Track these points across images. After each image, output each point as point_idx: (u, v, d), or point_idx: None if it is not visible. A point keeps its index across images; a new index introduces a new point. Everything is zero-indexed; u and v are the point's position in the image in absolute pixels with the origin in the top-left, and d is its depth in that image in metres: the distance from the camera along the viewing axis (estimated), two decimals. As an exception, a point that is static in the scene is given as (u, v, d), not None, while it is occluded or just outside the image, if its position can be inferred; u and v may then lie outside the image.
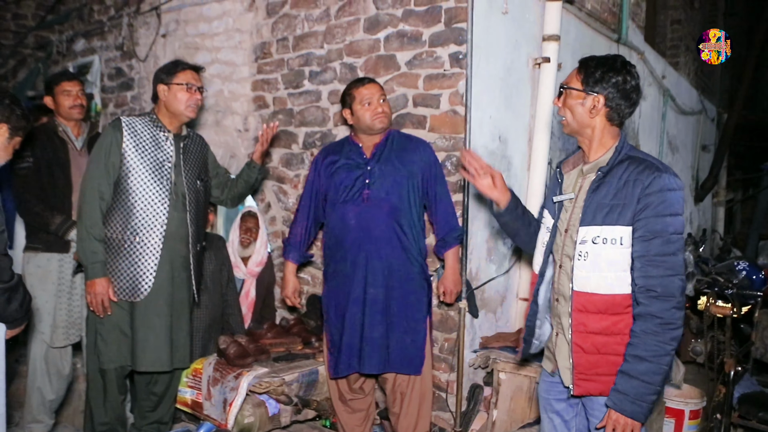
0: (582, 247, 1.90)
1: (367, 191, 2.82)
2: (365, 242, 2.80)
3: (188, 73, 2.84)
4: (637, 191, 1.82)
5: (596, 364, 1.91)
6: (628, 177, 1.85)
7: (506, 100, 3.45)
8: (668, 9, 7.08)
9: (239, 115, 4.15)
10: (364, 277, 2.79)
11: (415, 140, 2.98)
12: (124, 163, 2.73)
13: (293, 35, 3.82)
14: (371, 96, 2.84)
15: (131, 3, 4.92)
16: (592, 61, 1.95)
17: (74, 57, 5.50)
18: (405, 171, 2.84)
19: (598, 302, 1.89)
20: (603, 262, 1.87)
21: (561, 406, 2.13)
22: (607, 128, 1.95)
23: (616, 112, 1.92)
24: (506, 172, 3.49)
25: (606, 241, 1.86)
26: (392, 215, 2.81)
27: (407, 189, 2.84)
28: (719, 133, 8.42)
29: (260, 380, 2.91)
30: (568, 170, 2.08)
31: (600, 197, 1.89)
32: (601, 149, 1.96)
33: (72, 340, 3.27)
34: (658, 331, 1.78)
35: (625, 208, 1.83)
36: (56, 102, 3.23)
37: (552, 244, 2.05)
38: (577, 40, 4.07)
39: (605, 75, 1.90)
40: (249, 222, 3.76)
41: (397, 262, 2.81)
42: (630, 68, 1.93)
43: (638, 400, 1.80)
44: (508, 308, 3.62)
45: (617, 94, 1.90)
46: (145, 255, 2.75)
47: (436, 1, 3.20)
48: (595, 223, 1.88)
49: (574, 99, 1.95)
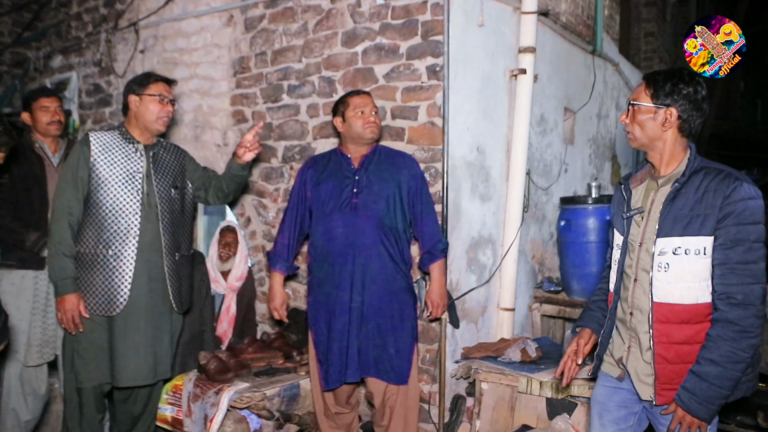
0: (662, 259, 1.91)
1: (355, 200, 2.82)
2: (352, 251, 2.79)
3: (160, 85, 2.83)
4: (719, 200, 1.82)
5: (680, 373, 1.90)
6: (707, 187, 1.86)
7: (484, 111, 3.49)
8: (641, 22, 7.24)
9: (218, 130, 4.14)
10: (351, 285, 2.79)
11: (401, 155, 2.99)
12: (93, 177, 2.71)
13: (271, 49, 3.83)
14: (364, 105, 2.86)
15: (109, 19, 4.90)
16: (660, 75, 1.96)
17: (52, 73, 5.46)
18: (392, 182, 2.85)
19: (681, 312, 1.89)
20: (686, 272, 1.88)
21: (621, 413, 2.11)
22: (678, 140, 1.95)
23: (687, 124, 1.93)
24: (485, 183, 3.53)
25: (689, 252, 1.87)
26: (379, 225, 2.81)
27: (394, 200, 2.85)
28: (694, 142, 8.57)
29: (241, 395, 2.89)
30: (636, 185, 2.08)
31: (678, 208, 1.89)
32: (673, 162, 1.97)
33: (46, 358, 3.21)
34: (735, 337, 1.79)
35: (707, 218, 1.84)
36: (34, 118, 3.21)
37: (624, 261, 2.05)
38: (553, 52, 4.14)
39: (675, 87, 1.91)
40: (228, 237, 3.74)
41: (384, 271, 2.81)
42: (698, 79, 1.95)
43: (706, 402, 1.82)
44: (489, 318, 3.63)
45: (689, 105, 1.91)
46: (119, 268, 2.72)
47: (413, 15, 3.24)
48: (674, 234, 1.89)
49: (644, 114, 1.96)
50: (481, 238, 3.52)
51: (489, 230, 3.59)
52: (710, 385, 1.81)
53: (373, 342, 2.80)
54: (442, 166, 3.16)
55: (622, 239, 2.05)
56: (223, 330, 3.71)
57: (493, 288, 3.65)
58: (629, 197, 2.07)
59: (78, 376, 2.76)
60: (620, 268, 2.07)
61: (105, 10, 4.96)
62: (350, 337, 2.79)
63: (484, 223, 3.54)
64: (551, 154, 4.24)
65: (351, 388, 2.97)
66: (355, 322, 2.79)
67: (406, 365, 2.85)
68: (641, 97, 1.97)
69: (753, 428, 2.89)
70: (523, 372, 3.04)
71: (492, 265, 3.62)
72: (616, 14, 5.55)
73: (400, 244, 2.87)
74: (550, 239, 4.30)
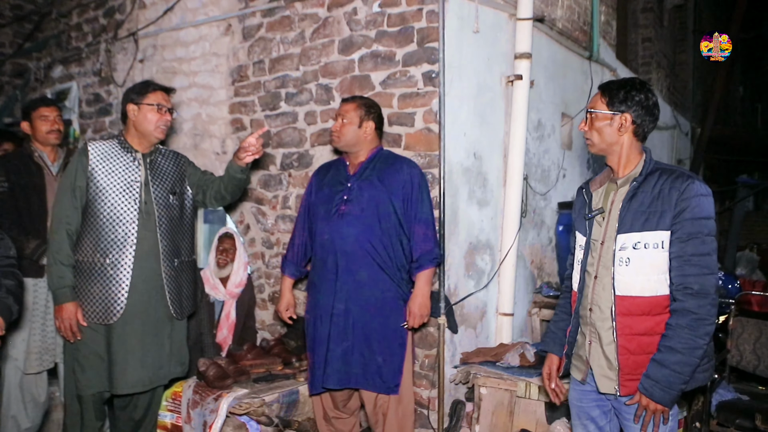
0: (623, 254, 2.02)
1: (343, 207, 2.83)
2: (336, 257, 2.80)
3: (159, 94, 2.84)
4: (674, 197, 1.95)
5: (642, 364, 2.00)
6: (663, 185, 1.99)
7: (480, 117, 3.51)
8: (639, 27, 7.25)
9: (217, 138, 4.17)
10: (334, 292, 2.80)
11: (400, 159, 2.95)
12: (91, 186, 2.73)
13: (269, 58, 3.86)
14: (338, 113, 2.92)
15: (109, 29, 4.95)
16: (614, 84, 2.11)
17: (52, 84, 5.50)
18: (384, 189, 2.82)
19: (642, 304, 2.00)
20: (646, 265, 1.99)
21: (595, 413, 2.20)
22: (633, 144, 2.09)
23: (641, 128, 2.07)
24: (482, 189, 3.54)
25: (648, 246, 1.98)
26: (365, 232, 2.79)
27: (385, 207, 2.82)
28: (693, 147, 8.59)
29: (240, 401, 2.89)
30: (596, 188, 2.20)
31: (636, 206, 2.02)
32: (630, 164, 2.10)
33: (46, 365, 3.22)
34: (693, 325, 1.89)
35: (664, 214, 1.96)
36: (33, 127, 3.24)
37: (587, 260, 2.15)
38: (549, 58, 4.16)
39: (628, 95, 2.05)
40: (225, 243, 3.75)
41: (370, 278, 2.79)
42: (649, 87, 2.10)
43: (667, 388, 1.92)
44: (488, 323, 3.64)
45: (642, 110, 2.05)
46: (116, 276, 2.73)
47: (409, 22, 3.27)
48: (634, 230, 2.01)
49: (601, 121, 2.09)
50: (479, 243, 3.53)
51: (487, 235, 3.60)
52: (671, 372, 1.91)
53: (359, 351, 2.78)
54: (439, 172, 3.18)
55: (585, 239, 2.15)
56: (223, 337, 3.72)
57: (491, 293, 3.65)
58: (590, 199, 2.19)
59: (78, 383, 2.77)
60: (583, 267, 2.16)
61: (105, 21, 5.00)
62: (330, 344, 2.78)
63: (482, 228, 3.55)
64: (549, 159, 4.26)
65: (347, 393, 2.96)
66: (336, 330, 2.78)
67: (395, 375, 2.81)
68: (598, 105, 2.11)
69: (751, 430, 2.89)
70: (522, 377, 3.04)
71: (490, 270, 3.63)
72: (613, 20, 5.57)
73: (390, 252, 2.83)
74: (548, 244, 4.31)
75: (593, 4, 4.80)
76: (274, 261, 3.88)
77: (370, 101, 2.97)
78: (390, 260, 2.83)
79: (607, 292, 2.07)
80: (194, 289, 3.09)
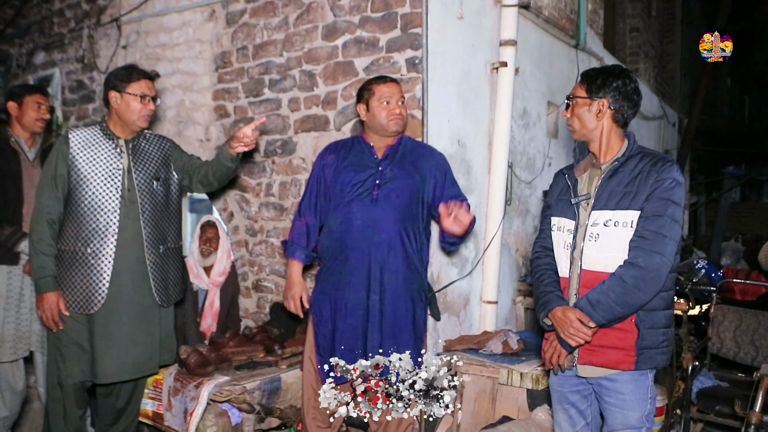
0: (593, 229, 2.08)
1: (376, 191, 2.68)
2: (369, 245, 2.66)
3: (143, 83, 2.76)
4: (651, 179, 2.01)
5: (601, 338, 2.06)
6: (642, 168, 2.04)
7: (464, 104, 3.49)
8: (626, 17, 7.25)
9: (201, 125, 4.13)
10: (367, 281, 2.66)
11: (426, 147, 2.89)
12: (73, 174, 2.69)
13: (253, 44, 3.82)
14: (391, 95, 2.70)
15: (92, 15, 4.88)
16: (593, 71, 2.17)
17: (34, 70, 5.43)
18: (417, 176, 2.72)
19: (604, 279, 2.03)
20: (613, 242, 2.04)
21: (575, 397, 2.24)
22: (614, 129, 2.14)
23: (620, 114, 2.12)
24: (466, 176, 3.53)
25: (617, 224, 2.03)
26: (400, 219, 2.67)
27: (417, 195, 2.72)
28: (680, 137, 8.62)
29: (221, 389, 2.87)
30: (580, 174, 2.23)
31: (613, 185, 2.07)
32: (612, 150, 2.15)
33: (20, 354, 3.19)
34: (614, 289, 1.98)
35: (638, 194, 2.01)
36: (22, 110, 3.18)
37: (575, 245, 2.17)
38: (535, 46, 4.15)
39: (606, 81, 2.10)
40: (209, 232, 3.72)
41: (399, 269, 2.68)
42: (628, 73, 2.14)
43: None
44: (471, 311, 3.64)
45: (619, 96, 2.10)
46: (97, 266, 2.70)
47: (392, 7, 3.24)
48: (607, 208, 2.06)
49: (581, 107, 2.15)
50: (462, 231, 3.51)
51: (471, 223, 3.59)
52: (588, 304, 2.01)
53: (388, 345, 2.63)
54: (422, 159, 3.16)
55: (574, 224, 2.17)
56: (207, 325, 3.70)
57: (475, 281, 3.65)
58: (575, 184, 2.21)
59: (60, 373, 2.75)
60: (571, 252, 2.17)
61: (87, 6, 4.93)
62: (369, 337, 2.65)
63: (466, 216, 3.54)
64: (534, 147, 4.25)
65: None
66: (371, 321, 2.65)
67: None
68: (577, 92, 2.17)
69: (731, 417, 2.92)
70: (504, 364, 3.04)
71: (474, 257, 3.63)
72: (600, 9, 5.56)
73: (419, 242, 2.73)
74: (533, 232, 4.31)
75: (580, -7, 4.79)
76: (257, 249, 3.86)
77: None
78: (419, 251, 2.74)
79: (577, 265, 2.12)
80: (181, 276, 3.04)
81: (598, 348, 2.07)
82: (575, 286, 2.13)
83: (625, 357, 2.04)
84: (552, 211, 2.27)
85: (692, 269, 4.40)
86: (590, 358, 2.09)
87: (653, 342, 2.04)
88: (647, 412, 2.08)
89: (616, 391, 2.09)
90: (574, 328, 2.04)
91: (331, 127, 3.49)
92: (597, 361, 2.08)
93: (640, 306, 2.00)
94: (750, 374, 2.98)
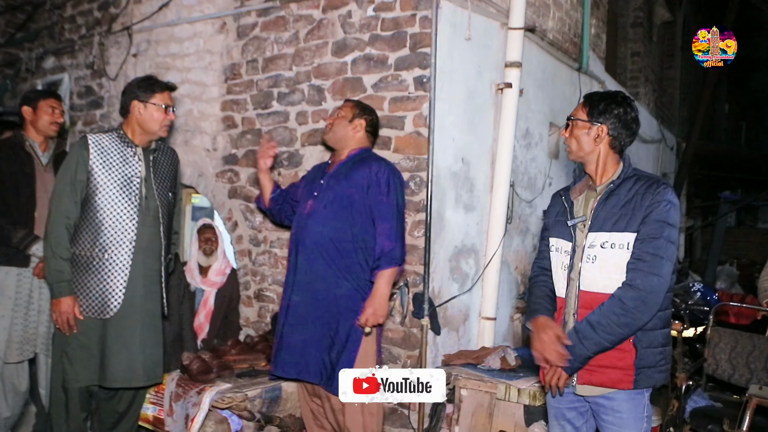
0: (591, 251, 2.11)
1: (310, 203, 2.89)
2: (298, 252, 2.85)
3: (166, 95, 2.84)
4: (647, 201, 2.04)
5: (600, 358, 2.08)
6: (638, 190, 2.08)
7: (469, 123, 3.56)
8: (628, 42, 7.37)
9: (208, 135, 4.19)
10: (292, 284, 2.85)
11: (376, 159, 2.91)
12: (91, 180, 2.73)
13: (263, 57, 3.90)
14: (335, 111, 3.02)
15: (103, 22, 4.95)
16: (596, 96, 2.21)
17: (44, 74, 5.49)
18: (348, 185, 2.81)
19: (602, 300, 2.07)
20: (610, 264, 2.07)
21: (572, 414, 2.27)
22: (610, 155, 2.17)
23: (617, 141, 2.15)
24: (469, 193, 3.59)
25: (614, 246, 2.06)
26: (326, 228, 2.80)
27: (350, 204, 2.79)
28: (678, 161, 8.72)
29: (223, 396, 2.91)
30: (576, 196, 2.26)
31: (609, 207, 2.10)
32: (607, 173, 2.18)
33: (26, 355, 3.21)
34: (615, 311, 2.00)
35: (634, 217, 2.04)
36: (37, 114, 3.23)
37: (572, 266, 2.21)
38: (539, 68, 4.23)
39: (608, 107, 2.14)
40: (207, 233, 3.79)
41: (327, 275, 2.79)
42: (630, 102, 2.18)
43: (572, 356, 2.06)
44: (470, 327, 3.68)
45: (619, 124, 2.13)
46: (113, 271, 2.74)
47: (402, 27, 3.32)
48: (604, 230, 2.09)
49: (580, 129, 2.18)
50: (464, 247, 3.57)
51: (472, 240, 3.65)
52: (580, 343, 2.04)
53: (316, 346, 2.77)
54: (426, 176, 3.22)
55: (571, 245, 2.21)
56: (200, 323, 3.75)
57: (475, 297, 3.70)
58: (571, 207, 2.25)
59: (65, 375, 2.76)
60: (569, 272, 2.21)
61: (99, 14, 5.00)
62: (283, 334, 2.84)
63: (467, 232, 3.60)
64: (536, 167, 4.32)
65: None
66: (290, 321, 2.82)
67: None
68: (578, 114, 2.21)
69: (720, 435, 2.97)
70: (502, 379, 3.08)
71: (474, 274, 3.68)
72: (603, 33, 5.67)
73: (349, 249, 2.78)
74: (533, 251, 4.37)
75: (584, 17, 4.89)
76: (260, 259, 3.91)
77: (368, 107, 3.02)
78: (349, 258, 2.79)
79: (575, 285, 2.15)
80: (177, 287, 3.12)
81: (596, 368, 2.10)
82: (573, 306, 2.16)
83: (624, 376, 2.07)
84: (550, 233, 2.32)
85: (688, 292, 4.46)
86: (590, 377, 2.11)
87: (651, 361, 2.07)
88: (643, 430, 2.12)
89: (613, 409, 2.12)
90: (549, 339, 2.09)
91: (338, 141, 3.55)
92: (596, 381, 2.11)
93: (639, 327, 2.03)
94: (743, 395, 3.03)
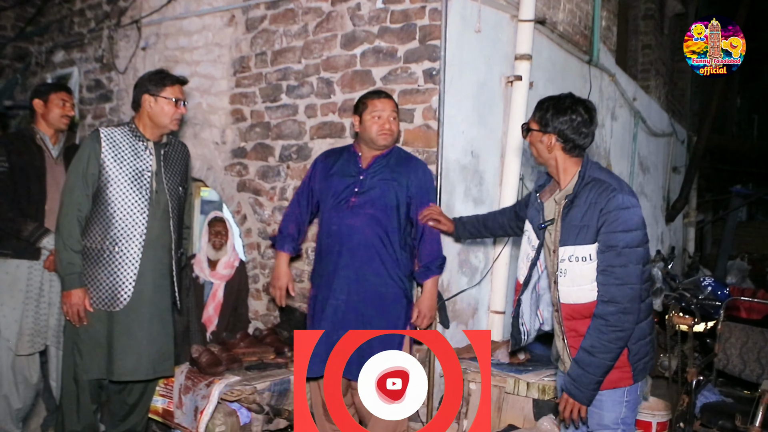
0: (562, 265, 2.14)
1: (353, 199, 2.80)
2: (342, 250, 2.79)
3: (176, 88, 2.84)
4: (597, 212, 2.04)
5: None
6: (592, 200, 2.07)
7: (479, 116, 3.54)
8: (639, 34, 7.30)
9: (217, 128, 4.19)
10: (336, 284, 2.79)
11: (415, 160, 2.95)
12: (103, 173, 2.74)
13: (271, 50, 3.89)
14: (383, 110, 2.80)
15: (112, 16, 4.96)
16: (544, 104, 2.17)
17: (53, 68, 5.51)
18: (396, 186, 2.80)
19: (582, 309, 2.12)
20: (578, 276, 2.10)
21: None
22: (567, 159, 2.16)
23: (570, 144, 2.13)
24: (478, 187, 3.58)
25: (578, 259, 2.09)
26: (373, 227, 2.77)
27: (395, 204, 2.80)
28: (689, 155, 8.65)
29: (232, 388, 2.91)
30: (546, 198, 2.28)
31: (570, 220, 2.11)
32: (568, 176, 2.17)
33: (37, 348, 3.23)
34: (603, 330, 2.03)
35: (590, 228, 2.05)
36: (47, 107, 3.24)
37: (537, 260, 2.28)
38: (549, 60, 4.20)
39: (553, 116, 2.12)
40: (218, 226, 3.78)
41: (373, 274, 2.78)
42: (577, 106, 2.12)
43: (582, 387, 2.08)
44: (479, 320, 3.67)
45: (568, 130, 2.11)
46: (124, 264, 2.75)
47: (411, 19, 3.30)
48: (569, 243, 2.11)
49: (535, 137, 2.20)
50: (473, 240, 3.56)
51: (481, 233, 3.63)
52: (584, 372, 2.06)
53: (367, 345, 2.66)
54: (436, 169, 3.21)
55: (538, 242, 2.27)
56: (208, 316, 3.75)
57: (484, 290, 3.69)
58: (542, 209, 2.26)
59: (76, 368, 2.78)
60: (532, 264, 2.28)
61: (108, 7, 5.01)
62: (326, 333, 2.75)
63: (477, 226, 3.59)
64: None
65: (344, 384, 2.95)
66: (334, 321, 2.77)
67: None
68: (532, 122, 2.22)
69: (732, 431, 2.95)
70: (511, 373, 3.08)
71: (483, 267, 3.67)
72: (614, 26, 5.62)
73: (396, 249, 2.82)
74: (542, 245, 4.35)
75: (595, 9, 4.85)
76: (269, 252, 3.91)
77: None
78: (394, 257, 2.82)
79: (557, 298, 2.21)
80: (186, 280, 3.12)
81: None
82: (557, 317, 2.22)
83: (624, 374, 2.13)
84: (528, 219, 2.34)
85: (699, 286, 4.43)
86: None
87: (642, 352, 2.14)
88: (623, 415, 2.16)
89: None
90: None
91: (347, 134, 3.55)
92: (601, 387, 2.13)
93: (630, 333, 2.06)
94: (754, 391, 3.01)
